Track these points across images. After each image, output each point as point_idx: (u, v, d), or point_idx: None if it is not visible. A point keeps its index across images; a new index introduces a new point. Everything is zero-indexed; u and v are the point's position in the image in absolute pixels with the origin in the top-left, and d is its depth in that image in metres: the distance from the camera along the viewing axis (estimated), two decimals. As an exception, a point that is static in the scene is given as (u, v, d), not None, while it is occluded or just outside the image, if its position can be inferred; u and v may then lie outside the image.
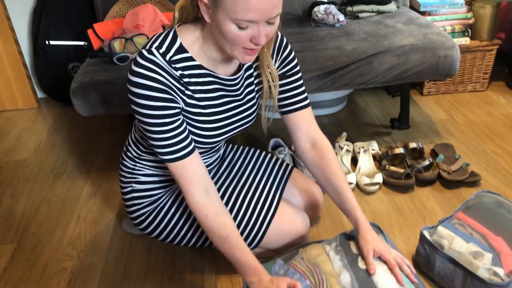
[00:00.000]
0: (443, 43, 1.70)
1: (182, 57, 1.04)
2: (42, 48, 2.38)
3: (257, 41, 0.97)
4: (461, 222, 1.29)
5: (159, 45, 1.02)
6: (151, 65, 0.99)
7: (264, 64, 1.15)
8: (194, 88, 1.08)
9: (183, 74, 1.04)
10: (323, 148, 1.23)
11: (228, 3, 0.91)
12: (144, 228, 1.29)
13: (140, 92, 0.99)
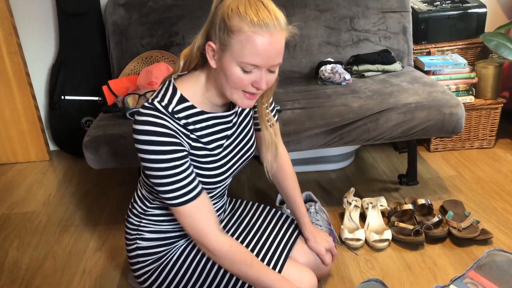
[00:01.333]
0: (448, 101, 1.74)
1: (183, 107, 1.08)
2: (57, 103, 2.47)
3: (259, 85, 1.03)
4: (474, 281, 1.25)
5: (160, 99, 1.07)
6: (155, 113, 1.04)
7: (264, 119, 1.23)
8: (200, 133, 1.12)
9: (187, 123, 1.09)
10: (282, 162, 1.37)
11: (237, 47, 0.98)
12: (148, 287, 1.27)
13: (147, 139, 1.02)
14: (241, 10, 0.97)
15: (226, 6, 0.99)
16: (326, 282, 1.49)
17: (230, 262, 1.11)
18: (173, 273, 1.24)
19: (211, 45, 1.02)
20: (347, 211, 1.78)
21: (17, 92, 2.47)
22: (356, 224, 1.75)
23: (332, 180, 2.15)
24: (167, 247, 1.26)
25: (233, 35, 0.98)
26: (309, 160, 2.22)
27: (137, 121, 1.04)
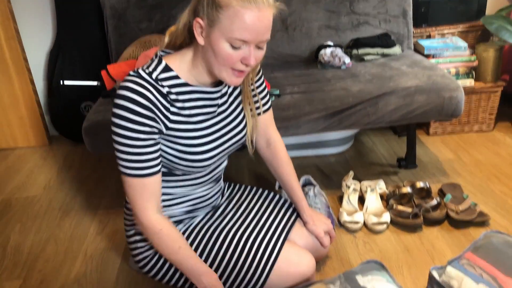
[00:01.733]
0: (448, 84, 1.74)
1: (168, 76, 1.08)
2: (56, 88, 2.46)
3: (248, 61, 1.02)
4: (471, 263, 1.27)
5: (145, 68, 1.07)
6: (138, 80, 1.04)
7: (246, 101, 1.22)
8: (182, 105, 1.11)
9: (170, 92, 1.08)
10: (277, 149, 1.36)
11: (225, 23, 0.98)
12: (147, 272, 1.28)
13: (123, 104, 1.02)
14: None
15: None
16: (324, 264, 1.51)
17: (158, 243, 1.12)
18: None
19: (199, 21, 1.02)
20: (346, 195, 1.79)
21: (15, 77, 2.46)
22: (355, 207, 1.76)
23: (331, 164, 2.16)
24: None
25: (222, 10, 0.97)
26: (308, 145, 2.23)
27: (120, 87, 1.04)
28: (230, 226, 1.28)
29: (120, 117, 1.02)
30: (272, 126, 1.36)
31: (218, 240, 1.24)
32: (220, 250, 1.23)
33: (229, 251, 1.22)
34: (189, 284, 1.28)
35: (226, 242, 1.23)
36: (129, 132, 1.03)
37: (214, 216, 1.33)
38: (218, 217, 1.33)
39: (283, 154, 1.37)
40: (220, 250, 1.23)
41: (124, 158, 1.06)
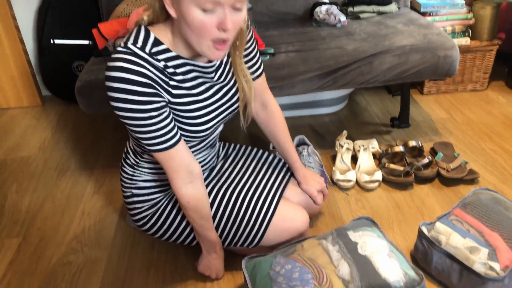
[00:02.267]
0: (443, 43, 1.73)
1: (160, 49, 1.02)
2: (47, 47, 2.42)
3: (224, 26, 0.93)
4: (459, 219, 1.31)
5: (134, 41, 0.99)
6: (131, 57, 0.96)
7: (238, 69, 1.18)
8: (182, 78, 1.07)
9: (167, 66, 1.03)
10: (273, 111, 1.36)
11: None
12: (147, 230, 1.31)
13: (121, 87, 0.95)
14: None
15: None
16: (317, 220, 1.55)
17: (184, 211, 1.19)
18: (171, 218, 1.28)
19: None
20: (339, 154, 1.82)
21: (4, 36, 2.41)
22: (348, 166, 1.79)
23: (325, 123, 2.17)
24: (162, 193, 1.29)
25: None
26: (302, 105, 2.23)
27: (111, 67, 0.96)
28: (226, 186, 1.30)
29: (124, 100, 0.97)
30: (267, 89, 1.35)
31: (216, 199, 1.26)
32: (218, 209, 1.26)
33: (227, 209, 1.25)
34: (189, 241, 1.31)
35: (224, 201, 1.26)
36: (139, 114, 0.99)
37: (210, 176, 1.35)
38: (214, 177, 1.35)
39: (279, 116, 1.37)
40: (218, 209, 1.25)
41: (144, 137, 1.04)
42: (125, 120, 1.01)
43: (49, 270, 1.43)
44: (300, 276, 1.10)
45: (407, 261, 1.15)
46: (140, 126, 1.01)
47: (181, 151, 1.09)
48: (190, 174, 1.12)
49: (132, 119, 1.00)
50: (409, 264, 1.14)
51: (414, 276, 1.10)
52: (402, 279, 1.08)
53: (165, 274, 1.38)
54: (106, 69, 0.97)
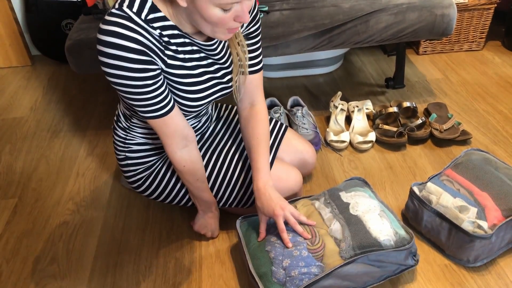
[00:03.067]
0: (441, 1, 1.69)
1: (157, 16, 0.97)
2: (34, 4, 2.34)
3: (242, 19, 0.94)
4: (450, 179, 1.33)
5: (129, 4, 0.94)
6: (125, 22, 0.92)
7: (233, 50, 1.13)
8: (176, 48, 1.03)
9: (162, 34, 0.98)
10: (258, 112, 1.24)
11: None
12: (142, 191, 1.32)
13: (115, 53, 0.92)
14: None
15: None
16: (311, 180, 1.57)
17: (179, 174, 1.20)
18: (166, 180, 1.29)
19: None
20: (333, 115, 1.81)
21: (-11, -8, 2.33)
22: (342, 127, 1.79)
23: (319, 84, 2.15)
24: (156, 156, 1.29)
25: None
26: (297, 65, 2.20)
27: (103, 31, 0.91)
28: (220, 147, 1.31)
29: (118, 67, 0.93)
30: (260, 87, 1.25)
31: (210, 161, 1.27)
32: (213, 171, 1.26)
33: (222, 171, 1.27)
34: (184, 202, 1.33)
35: (218, 162, 1.27)
36: (133, 81, 0.96)
37: (203, 138, 1.35)
38: (207, 139, 1.35)
39: (263, 117, 1.24)
40: (213, 170, 1.26)
41: (137, 104, 1.02)
42: (118, 87, 0.98)
43: (47, 230, 1.45)
44: (292, 238, 1.12)
45: (398, 220, 1.18)
46: (134, 93, 0.99)
47: (175, 118, 1.08)
48: (185, 139, 1.12)
49: (125, 86, 0.97)
50: (400, 224, 1.16)
51: (404, 235, 1.13)
52: (392, 238, 1.11)
53: (161, 233, 1.41)
54: (98, 31, 0.93)
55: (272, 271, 1.08)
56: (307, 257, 1.08)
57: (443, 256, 1.26)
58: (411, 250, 1.12)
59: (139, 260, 1.32)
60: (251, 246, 1.17)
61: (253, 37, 1.18)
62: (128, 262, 1.32)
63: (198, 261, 1.30)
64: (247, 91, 1.23)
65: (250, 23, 1.15)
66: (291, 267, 1.07)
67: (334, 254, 1.08)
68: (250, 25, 1.15)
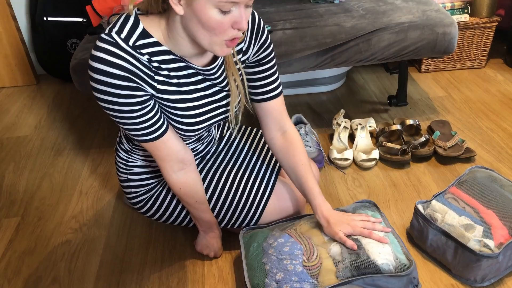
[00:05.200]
0: (442, 20, 1.71)
1: (147, 42, 0.96)
2: (40, 25, 2.38)
3: (240, 26, 0.91)
4: (455, 197, 1.32)
5: (119, 30, 0.94)
6: (112, 48, 0.92)
7: (229, 70, 1.10)
8: (168, 73, 1.01)
9: (151, 60, 0.97)
10: (292, 137, 1.22)
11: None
12: (144, 212, 1.32)
13: (102, 79, 0.93)
14: None
15: None
16: (314, 199, 1.56)
17: (177, 196, 1.19)
18: (166, 202, 1.28)
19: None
20: (336, 132, 1.81)
21: (-3, 13, 2.37)
22: (345, 144, 1.79)
23: (322, 102, 2.16)
24: (158, 178, 1.28)
25: None
26: (300, 83, 2.21)
27: (92, 56, 0.93)
28: (222, 167, 1.30)
29: (105, 92, 0.94)
30: (285, 112, 1.22)
31: (212, 181, 1.26)
32: (214, 192, 1.26)
33: (223, 191, 1.26)
34: (186, 223, 1.32)
35: (220, 183, 1.26)
36: (120, 106, 0.96)
37: (206, 157, 1.35)
38: (209, 159, 1.34)
39: (299, 143, 1.22)
40: (214, 191, 1.26)
41: (127, 128, 1.02)
42: (107, 111, 0.99)
43: (49, 249, 1.44)
44: (290, 250, 1.12)
45: (402, 246, 1.15)
46: (122, 118, 0.99)
47: (168, 142, 1.07)
48: (181, 162, 1.11)
49: (113, 110, 0.98)
50: (402, 250, 1.13)
51: (405, 261, 1.10)
52: (392, 263, 1.08)
53: (164, 252, 1.39)
54: (89, 56, 0.94)
55: (265, 283, 1.07)
56: (301, 272, 1.07)
57: (450, 276, 1.24)
58: (411, 278, 1.09)
59: (142, 280, 1.31)
60: (249, 256, 1.17)
61: (266, 62, 1.16)
62: (131, 282, 1.30)
63: (201, 280, 1.29)
64: (273, 117, 1.21)
65: (260, 48, 1.13)
66: (284, 281, 1.06)
67: (330, 273, 1.07)
68: (260, 50, 1.14)
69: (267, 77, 1.17)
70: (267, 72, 1.17)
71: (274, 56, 1.18)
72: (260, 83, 1.17)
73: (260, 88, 1.18)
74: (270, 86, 1.18)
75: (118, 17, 0.98)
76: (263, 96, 1.19)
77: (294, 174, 1.21)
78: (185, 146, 1.12)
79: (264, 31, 1.13)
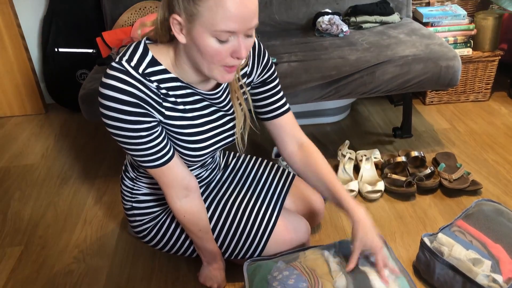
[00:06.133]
0: (445, 53, 1.73)
1: (155, 70, 1.00)
2: (51, 55, 2.43)
3: (238, 54, 0.93)
4: (461, 230, 1.30)
5: (129, 58, 0.98)
6: (123, 76, 0.95)
7: (233, 95, 1.13)
8: (175, 100, 1.04)
9: (159, 87, 1.01)
10: (310, 149, 1.25)
11: (207, 16, 0.88)
12: (147, 242, 1.31)
13: (112, 105, 0.95)
14: None
15: None
16: (319, 230, 1.55)
17: (181, 224, 1.19)
18: (171, 231, 1.28)
19: (176, 18, 0.91)
20: (341, 164, 1.81)
21: (9, 44, 2.43)
22: (350, 176, 1.78)
23: (327, 133, 2.17)
24: (161, 207, 1.28)
25: (200, 1, 0.87)
26: (305, 114, 2.23)
27: (103, 84, 0.96)
28: (226, 197, 1.30)
29: (114, 119, 0.97)
30: (297, 126, 1.26)
31: (216, 211, 1.26)
32: (218, 222, 1.25)
33: (227, 222, 1.25)
34: (189, 253, 1.31)
35: (224, 213, 1.26)
36: (128, 132, 0.99)
37: (210, 186, 1.35)
38: (214, 188, 1.34)
39: (318, 153, 1.24)
40: (218, 221, 1.25)
41: (134, 154, 1.04)
42: (116, 137, 1.01)
43: (51, 279, 1.42)
44: (295, 284, 1.10)
45: (409, 281, 1.13)
46: (130, 144, 1.02)
47: (174, 168, 1.08)
48: (185, 189, 1.12)
49: (122, 136, 1.00)
50: (409, 284, 1.11)
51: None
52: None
53: (167, 283, 1.38)
54: (100, 84, 0.97)
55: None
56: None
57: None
58: None
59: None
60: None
61: (271, 81, 1.21)
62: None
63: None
64: (287, 132, 1.25)
65: (263, 69, 1.18)
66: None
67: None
68: (264, 71, 1.18)
69: (274, 94, 1.22)
70: (274, 90, 1.22)
71: (277, 75, 1.23)
72: (269, 101, 1.22)
73: (269, 106, 1.23)
74: (279, 102, 1.23)
75: (128, 46, 1.02)
76: (273, 113, 1.23)
77: (322, 183, 1.20)
78: (190, 173, 1.13)
79: (265, 53, 1.18)
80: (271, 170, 1.44)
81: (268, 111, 1.23)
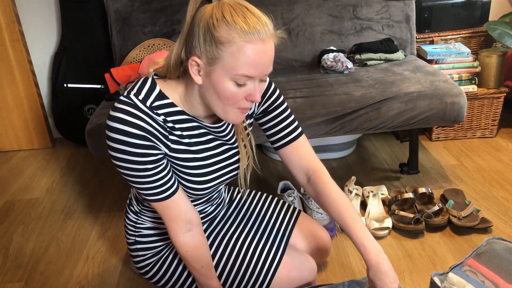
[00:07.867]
0: (450, 90, 1.74)
1: (163, 103, 1.01)
2: (60, 91, 2.48)
3: (253, 98, 0.97)
4: (473, 269, 1.26)
5: (137, 92, 1.00)
6: (130, 109, 0.97)
7: (239, 136, 1.15)
8: (181, 133, 1.05)
9: (166, 120, 1.02)
10: (322, 179, 1.19)
11: (228, 60, 0.91)
12: (150, 278, 1.29)
13: (119, 138, 0.96)
14: (228, 18, 0.89)
15: (208, 16, 0.91)
16: (326, 269, 1.51)
17: (183, 259, 1.15)
18: (173, 267, 1.25)
19: (196, 60, 0.94)
20: (348, 200, 1.79)
21: (20, 79, 2.48)
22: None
23: (333, 168, 2.16)
24: (166, 241, 1.27)
25: (223, 46, 0.90)
26: (310, 149, 2.23)
27: (111, 117, 0.97)
28: (230, 233, 1.28)
29: (120, 151, 0.98)
30: (308, 153, 1.22)
31: (219, 248, 1.24)
32: (221, 258, 1.23)
33: (230, 259, 1.23)
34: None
35: (227, 250, 1.24)
36: (134, 165, 1.00)
37: (214, 222, 1.33)
38: (217, 224, 1.32)
39: (329, 182, 1.18)
40: (221, 258, 1.23)
41: (139, 187, 1.04)
42: (122, 170, 1.01)
43: (50, 317, 1.39)
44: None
45: None
46: (136, 176, 1.02)
47: (178, 202, 1.08)
48: (188, 223, 1.10)
49: (127, 169, 1.00)
50: None
51: None
52: None
53: (168, 323, 1.34)
54: (107, 117, 0.98)
55: None
56: None
57: None
58: None
59: None
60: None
61: (274, 108, 1.19)
62: None
63: None
64: (301, 158, 1.21)
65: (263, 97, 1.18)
66: None
67: None
68: (262, 101, 1.18)
69: (281, 121, 1.20)
70: (280, 116, 1.20)
71: (283, 100, 1.20)
72: (277, 128, 1.21)
73: (278, 134, 1.21)
74: (288, 128, 1.20)
75: (136, 81, 1.04)
76: (283, 140, 1.21)
77: (335, 216, 1.13)
78: (192, 207, 1.12)
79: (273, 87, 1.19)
80: (276, 206, 1.42)
81: (277, 139, 1.21)
